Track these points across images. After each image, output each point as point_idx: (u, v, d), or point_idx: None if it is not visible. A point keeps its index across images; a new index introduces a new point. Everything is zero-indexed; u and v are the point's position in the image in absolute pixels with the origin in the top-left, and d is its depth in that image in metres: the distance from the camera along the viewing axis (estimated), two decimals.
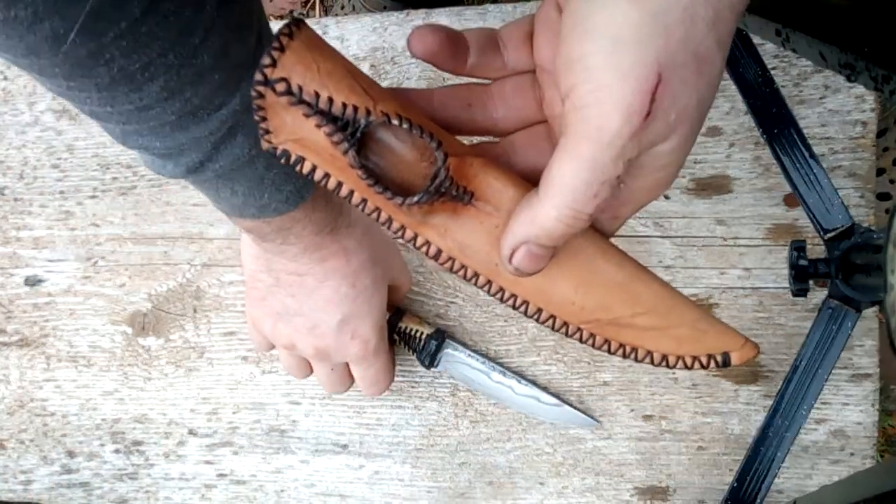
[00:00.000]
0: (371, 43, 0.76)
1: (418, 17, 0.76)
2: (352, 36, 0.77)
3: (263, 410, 0.75)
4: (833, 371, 0.61)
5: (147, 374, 0.77)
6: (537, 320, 0.33)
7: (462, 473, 0.72)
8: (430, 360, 0.69)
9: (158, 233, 0.78)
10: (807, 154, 0.62)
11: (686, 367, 0.33)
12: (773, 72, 0.64)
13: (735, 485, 0.63)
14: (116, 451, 0.78)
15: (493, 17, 0.73)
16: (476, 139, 0.52)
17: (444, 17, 0.75)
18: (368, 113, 0.30)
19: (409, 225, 0.32)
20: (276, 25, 0.81)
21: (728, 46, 0.28)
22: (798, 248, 0.59)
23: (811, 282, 0.60)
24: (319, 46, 0.31)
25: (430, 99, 0.33)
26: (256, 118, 0.31)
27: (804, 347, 0.62)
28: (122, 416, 0.78)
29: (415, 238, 0.32)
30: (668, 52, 0.26)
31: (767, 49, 0.69)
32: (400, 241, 0.34)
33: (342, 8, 1.15)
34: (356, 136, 0.30)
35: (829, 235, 0.61)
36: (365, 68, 0.76)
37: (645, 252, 0.70)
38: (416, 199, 0.30)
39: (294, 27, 0.31)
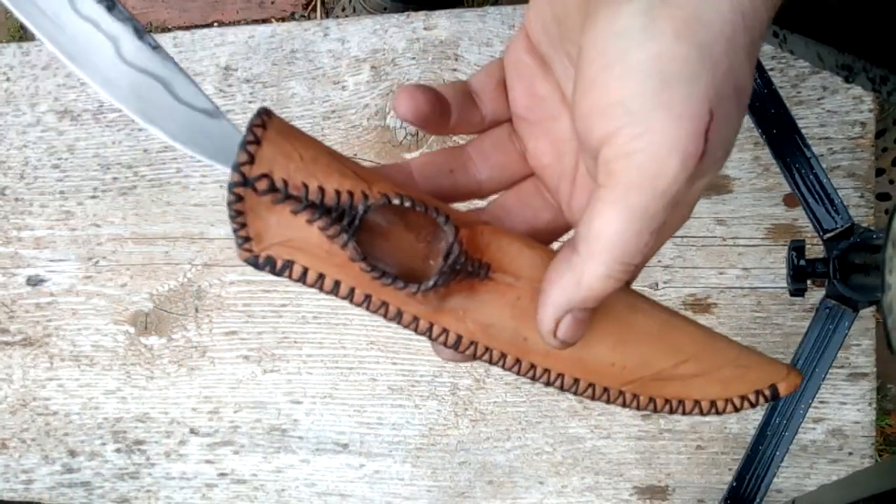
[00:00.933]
0: (371, 45, 0.76)
1: (418, 19, 0.76)
2: (352, 38, 0.77)
3: (264, 409, 0.75)
4: (830, 370, 0.61)
5: (149, 374, 0.77)
6: (575, 392, 0.29)
7: (462, 472, 0.72)
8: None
9: (159, 233, 0.78)
10: (806, 154, 0.62)
11: (735, 409, 0.30)
12: (770, 73, 0.64)
13: (734, 484, 0.63)
14: (118, 450, 0.78)
15: (492, 19, 0.73)
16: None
17: (444, 18, 0.75)
18: (366, 196, 0.27)
19: (424, 315, 0.28)
20: (270, 38, 0.81)
21: None
22: (797, 247, 0.59)
23: (809, 282, 0.60)
24: (295, 133, 0.27)
25: (409, 171, 0.31)
26: (234, 226, 0.26)
27: (801, 347, 0.62)
28: (124, 415, 0.78)
29: (430, 329, 0.28)
30: (716, 87, 0.24)
31: (765, 50, 0.69)
32: (413, 333, 0.29)
33: (343, 10, 1.15)
34: (354, 226, 0.27)
35: (828, 235, 0.61)
36: (365, 70, 0.76)
37: None
38: (431, 282, 0.27)
39: (265, 116, 0.27)
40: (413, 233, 0.28)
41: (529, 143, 0.31)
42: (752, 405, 0.30)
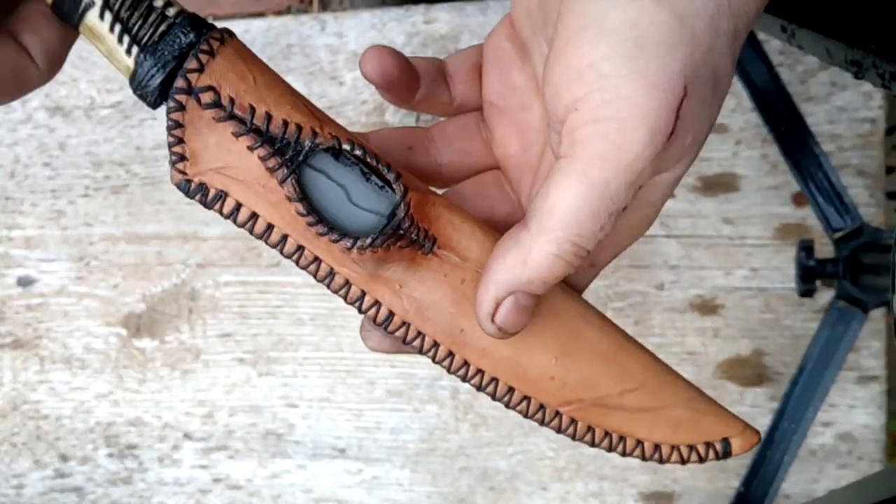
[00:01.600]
0: (370, 39, 0.76)
1: (418, 13, 0.75)
2: (350, 32, 0.76)
3: (260, 414, 0.75)
4: (839, 373, 0.61)
5: (142, 377, 0.77)
6: (507, 404, 0.27)
7: (463, 478, 0.72)
8: (157, 89, 0.27)
9: (152, 232, 0.77)
10: (815, 152, 0.61)
11: (681, 459, 0.27)
12: (779, 69, 0.63)
13: (742, 489, 0.62)
14: (110, 454, 0.77)
15: (493, 13, 0.72)
16: None
17: (444, 11, 0.74)
18: (315, 134, 0.25)
19: (356, 280, 0.26)
20: (265, 32, 0.80)
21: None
22: (806, 247, 0.59)
23: (818, 282, 0.59)
24: (254, 58, 0.26)
25: (366, 141, 0.29)
26: (170, 139, 0.25)
27: (811, 349, 0.61)
28: (117, 419, 0.77)
29: (362, 297, 0.26)
30: (694, 64, 0.23)
31: (773, 46, 0.68)
32: (343, 301, 0.27)
33: (340, 3, 1.15)
34: (297, 162, 0.25)
35: (837, 235, 0.60)
36: None
37: (650, 252, 0.69)
38: (369, 240, 0.25)
39: (226, 34, 0.25)
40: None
41: (497, 130, 0.30)
42: (701, 459, 0.27)
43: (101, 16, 0.25)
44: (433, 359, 0.27)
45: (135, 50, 0.25)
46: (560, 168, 0.24)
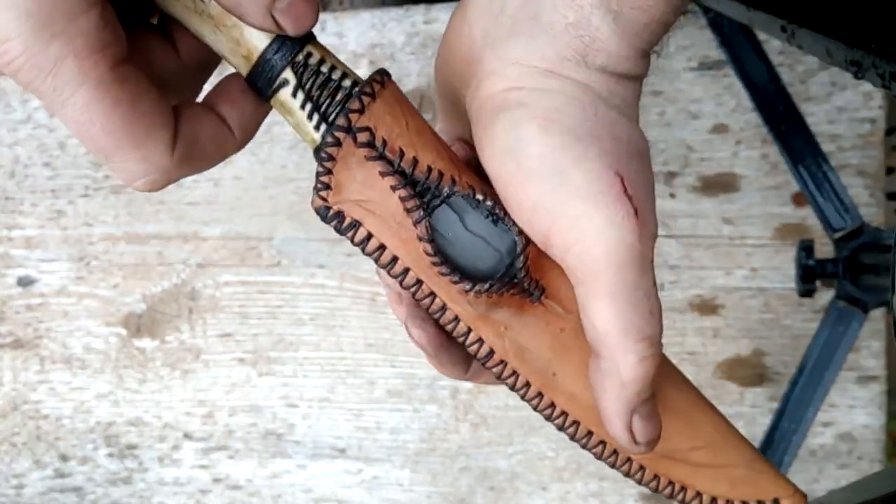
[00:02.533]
0: (370, 39, 0.76)
1: (418, 13, 0.75)
2: (350, 32, 0.76)
3: (260, 413, 0.75)
4: (839, 373, 0.61)
5: (142, 377, 0.77)
6: (584, 445, 0.29)
7: (463, 478, 0.72)
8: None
9: (152, 232, 0.77)
10: (815, 152, 0.61)
11: None
12: (779, 69, 0.63)
13: None
14: (110, 454, 0.77)
15: None
16: None
17: (444, 11, 0.74)
18: (454, 182, 0.27)
19: (466, 318, 0.28)
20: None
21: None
22: (806, 247, 0.59)
23: (818, 282, 0.59)
24: (408, 104, 0.28)
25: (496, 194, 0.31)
26: (320, 169, 0.27)
27: (811, 349, 0.61)
28: (117, 419, 0.77)
29: (467, 334, 0.28)
30: (611, 152, 0.25)
31: (773, 46, 0.68)
32: (452, 333, 0.29)
33: (340, 3, 1.14)
34: (434, 206, 0.27)
35: (838, 235, 0.60)
36: (363, 65, 0.75)
37: None
38: (486, 285, 0.27)
39: (386, 77, 0.27)
40: None
41: None
42: None
43: (294, 94, 0.27)
44: (523, 397, 0.29)
45: (323, 127, 0.27)
46: (580, 296, 0.26)
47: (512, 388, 0.29)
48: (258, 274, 0.76)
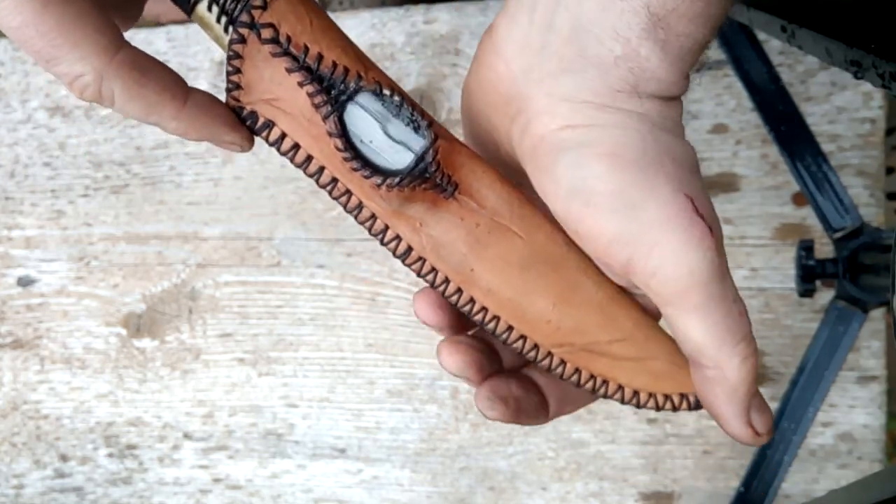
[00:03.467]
0: (369, 39, 0.75)
1: (418, 13, 0.75)
2: (350, 32, 0.75)
3: (260, 413, 0.74)
4: (839, 373, 0.60)
5: (142, 377, 0.76)
6: (506, 341, 0.29)
7: (463, 478, 0.71)
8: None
9: (152, 232, 0.77)
10: (815, 152, 0.61)
11: (657, 406, 0.30)
12: (779, 69, 0.63)
13: (742, 489, 0.62)
14: (110, 455, 0.77)
15: (493, 13, 0.72)
16: None
17: (444, 11, 0.74)
18: (360, 77, 0.27)
19: (382, 215, 0.28)
20: None
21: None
22: (806, 247, 0.58)
23: (818, 282, 0.59)
24: (313, 4, 0.28)
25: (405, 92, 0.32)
26: (229, 68, 0.27)
27: (810, 349, 0.61)
28: (117, 419, 0.77)
29: (385, 231, 0.29)
30: (675, 176, 0.25)
31: (773, 46, 0.68)
32: (367, 232, 0.30)
33: (340, 3, 1.14)
34: (341, 101, 0.27)
35: (837, 235, 0.60)
36: None
37: None
38: (397, 179, 0.27)
39: None
40: None
41: None
42: (674, 408, 0.30)
43: (209, 8, 0.27)
44: (443, 294, 0.29)
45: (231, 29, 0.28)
46: (671, 318, 0.27)
47: (432, 284, 0.29)
48: (258, 274, 0.75)
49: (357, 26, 0.76)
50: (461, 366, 0.29)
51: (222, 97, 0.28)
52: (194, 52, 0.78)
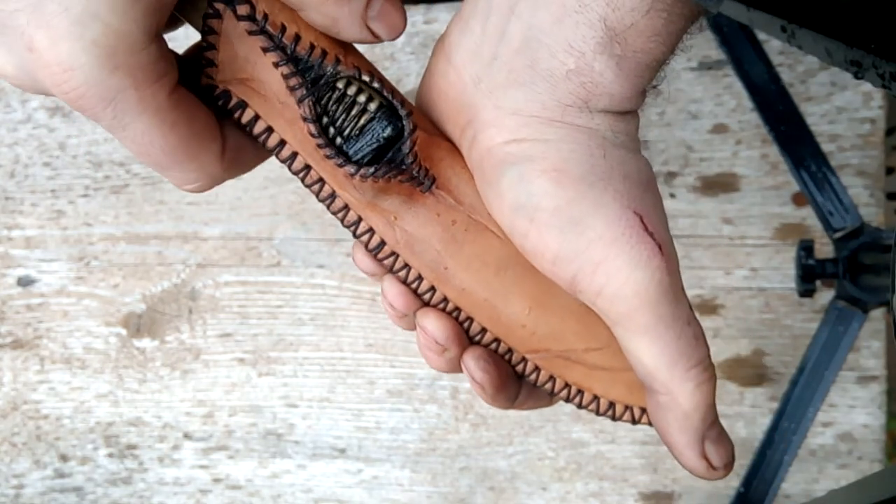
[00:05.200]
0: None
1: (418, 13, 0.75)
2: None
3: (260, 413, 0.75)
4: (839, 373, 0.60)
5: (142, 377, 0.77)
6: (479, 342, 0.28)
7: (463, 478, 0.71)
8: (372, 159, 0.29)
9: (152, 232, 0.77)
10: (815, 152, 0.61)
11: (633, 419, 0.29)
12: (778, 68, 0.63)
13: (742, 489, 0.62)
14: (110, 455, 0.77)
15: None
16: None
17: (444, 11, 0.74)
18: (338, 61, 0.26)
19: (355, 206, 0.27)
20: None
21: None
22: (806, 247, 0.59)
23: (818, 282, 0.59)
24: None
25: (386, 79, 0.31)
26: (204, 44, 0.26)
27: (810, 349, 0.61)
28: (116, 419, 0.77)
29: (357, 223, 0.27)
30: (624, 193, 0.25)
31: (773, 46, 0.68)
32: (340, 224, 0.28)
33: None
34: (317, 86, 0.26)
35: (837, 235, 0.60)
36: None
37: None
38: (372, 169, 0.26)
39: None
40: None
41: None
42: (650, 423, 0.28)
43: None
44: (417, 290, 0.28)
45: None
46: (621, 337, 0.26)
47: (404, 281, 0.28)
48: (258, 274, 0.75)
49: None
50: (446, 332, 0.28)
51: None
52: None
